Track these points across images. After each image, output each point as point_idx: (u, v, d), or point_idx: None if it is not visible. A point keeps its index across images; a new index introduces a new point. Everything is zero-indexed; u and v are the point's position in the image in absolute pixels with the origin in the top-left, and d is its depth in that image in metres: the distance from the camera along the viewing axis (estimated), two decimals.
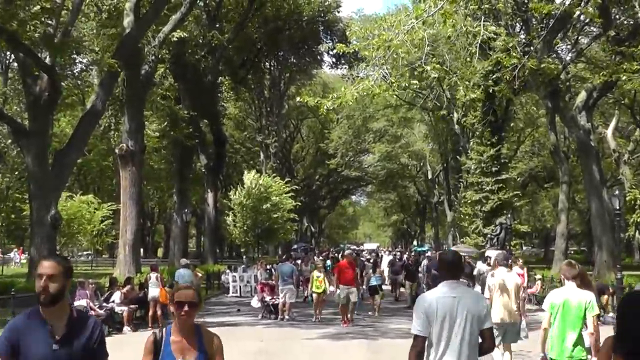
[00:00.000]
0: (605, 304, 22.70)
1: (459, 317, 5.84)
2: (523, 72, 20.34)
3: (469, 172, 47.96)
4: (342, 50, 16.82)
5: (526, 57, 18.63)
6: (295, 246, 65.69)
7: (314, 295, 23.42)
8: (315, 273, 23.57)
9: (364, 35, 14.77)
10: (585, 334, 8.29)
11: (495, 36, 14.14)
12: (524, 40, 23.29)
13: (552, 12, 15.07)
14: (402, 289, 31.45)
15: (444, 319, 5.85)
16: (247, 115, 76.67)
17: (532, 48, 23.92)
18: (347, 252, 24.01)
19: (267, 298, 24.31)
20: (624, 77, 28.93)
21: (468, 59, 31.72)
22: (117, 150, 35.73)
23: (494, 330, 7.25)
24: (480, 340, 5.98)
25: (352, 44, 15.88)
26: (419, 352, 5.87)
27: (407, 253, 47.85)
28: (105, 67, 29.62)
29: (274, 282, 25.02)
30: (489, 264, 30.98)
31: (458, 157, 57.30)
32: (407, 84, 15.64)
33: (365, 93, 14.53)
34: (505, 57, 16.48)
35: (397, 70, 14.73)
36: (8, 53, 44.47)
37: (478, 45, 14.92)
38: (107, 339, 5.18)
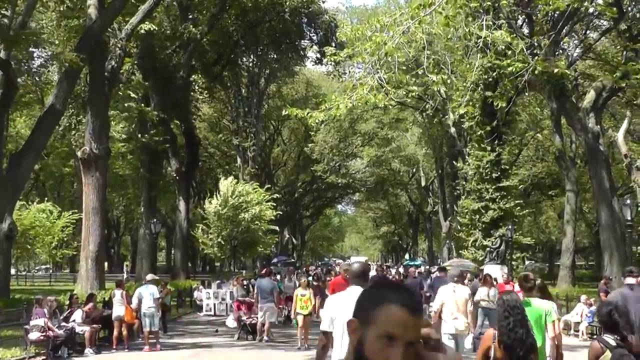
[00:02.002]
0: None
1: None
2: (531, 74, 20.37)
3: (467, 178, 48.04)
4: (333, 59, 16.75)
5: (535, 59, 18.65)
6: (275, 260, 65.64)
7: (299, 318, 21.46)
8: (300, 291, 22.10)
9: (355, 36, 14.67)
10: (548, 339, 9.47)
11: (497, 38, 14.11)
12: (528, 39, 23.31)
13: (561, 7, 15.03)
14: None
15: (346, 318, 6.24)
16: (222, 116, 76.58)
17: (540, 49, 23.97)
18: (344, 265, 20.85)
19: (244, 317, 24.15)
20: (637, 76, 29.03)
21: (466, 58, 31.89)
22: (78, 154, 35.56)
23: (449, 341, 9.80)
24: None
25: (343, 50, 15.75)
26: (324, 346, 7.35)
27: (394, 268, 47.52)
28: (66, 61, 29.49)
29: (251, 299, 24.88)
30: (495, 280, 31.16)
31: (454, 162, 57.34)
32: (405, 91, 15.62)
33: (360, 103, 14.50)
34: (508, 61, 16.48)
35: (394, 76, 14.65)
36: None
37: (479, 46, 14.93)
38: None
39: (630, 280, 11.00)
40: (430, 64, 15.67)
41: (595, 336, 7.96)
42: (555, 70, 14.98)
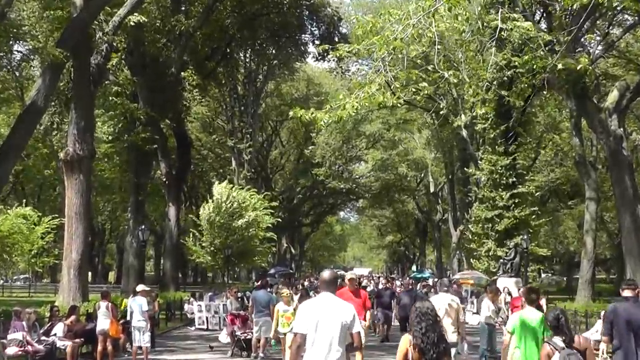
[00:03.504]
0: None
1: (330, 320, 8.61)
2: (550, 71, 20.32)
3: (479, 184, 48.09)
4: (337, 54, 16.60)
5: (555, 55, 18.59)
6: (272, 271, 65.54)
7: (282, 337, 19.85)
8: (282, 306, 20.05)
9: (368, 29, 14.57)
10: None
11: (518, 28, 14.05)
12: (547, 35, 23.24)
13: (584, 1, 14.95)
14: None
15: (318, 321, 8.60)
16: (216, 116, 76.64)
17: (560, 46, 23.91)
18: (348, 275, 18.78)
19: (239, 332, 24.08)
20: None
21: (479, 55, 31.82)
22: (61, 155, 35.49)
23: None
24: (349, 340, 8.75)
25: (347, 45, 15.65)
26: (299, 346, 8.61)
27: (399, 280, 47.28)
28: (48, 56, 29.48)
29: (246, 312, 24.83)
30: (508, 293, 31.05)
31: (465, 167, 57.42)
32: (415, 89, 15.54)
33: (367, 103, 14.43)
34: (526, 58, 16.40)
35: (403, 73, 14.57)
36: None
37: (494, 39, 14.88)
38: None
39: (628, 293, 11.66)
40: (440, 61, 15.60)
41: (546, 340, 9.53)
42: (579, 67, 14.85)
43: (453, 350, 14.05)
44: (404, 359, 8.22)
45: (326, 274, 9.42)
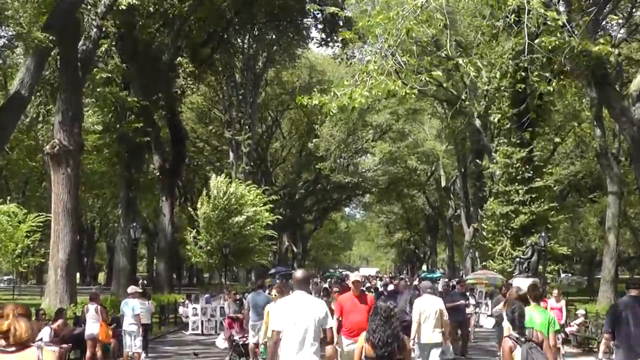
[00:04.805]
0: None
1: (305, 317, 9.61)
2: (569, 53, 20.30)
3: (493, 178, 48.01)
4: (345, 36, 16.54)
5: (573, 37, 18.58)
6: (272, 271, 65.62)
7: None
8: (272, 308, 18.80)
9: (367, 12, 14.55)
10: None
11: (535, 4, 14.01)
12: (565, 16, 23.20)
13: None
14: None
15: (295, 317, 9.61)
16: (213, 105, 76.74)
17: (580, 26, 23.89)
18: (352, 277, 16.73)
19: (237, 336, 24.07)
20: None
21: (493, 41, 31.79)
22: (47, 148, 35.48)
23: (420, 350, 14.79)
24: (322, 335, 9.76)
25: (352, 28, 15.63)
26: (275, 342, 9.57)
27: (405, 278, 46.95)
28: (33, 42, 29.47)
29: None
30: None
31: (479, 159, 57.40)
32: (427, 76, 15.46)
33: (378, 91, 14.36)
34: (550, 38, 16.36)
35: (411, 59, 14.51)
36: None
37: (511, 18, 14.85)
38: None
39: (633, 292, 12.42)
40: (451, 47, 15.62)
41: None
42: (596, 48, 14.82)
43: (438, 351, 15.91)
44: (361, 354, 9.75)
45: (299, 273, 10.59)
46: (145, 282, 49.07)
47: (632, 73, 41.18)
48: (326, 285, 40.55)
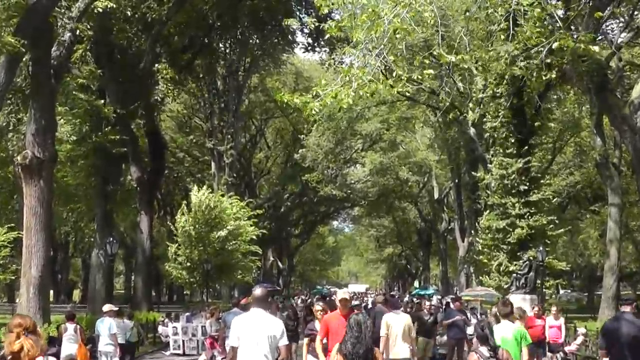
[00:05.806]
0: None
1: (259, 334, 10.58)
2: (562, 57, 20.39)
3: (489, 190, 48.03)
4: (331, 32, 16.55)
5: (556, 34, 18.66)
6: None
7: None
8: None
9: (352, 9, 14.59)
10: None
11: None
12: (561, 15, 23.24)
13: None
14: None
15: (250, 335, 10.62)
16: (193, 114, 76.71)
17: (578, 29, 23.97)
18: (340, 294, 15.53)
19: (219, 357, 24.07)
20: None
21: (487, 43, 31.86)
22: (18, 159, 35.38)
23: None
24: (277, 353, 10.77)
25: (337, 23, 15.63)
26: (231, 358, 10.69)
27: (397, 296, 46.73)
28: (4, 46, 29.42)
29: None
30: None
31: (474, 170, 57.41)
32: (419, 76, 15.50)
33: (365, 92, 14.39)
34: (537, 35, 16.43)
35: (403, 58, 14.58)
36: None
37: (511, 17, 14.90)
38: None
39: (624, 308, 12.94)
40: (443, 48, 15.61)
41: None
42: (594, 49, 14.87)
43: None
44: None
45: (258, 291, 11.42)
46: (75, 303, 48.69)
47: (634, 79, 41.28)
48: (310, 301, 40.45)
